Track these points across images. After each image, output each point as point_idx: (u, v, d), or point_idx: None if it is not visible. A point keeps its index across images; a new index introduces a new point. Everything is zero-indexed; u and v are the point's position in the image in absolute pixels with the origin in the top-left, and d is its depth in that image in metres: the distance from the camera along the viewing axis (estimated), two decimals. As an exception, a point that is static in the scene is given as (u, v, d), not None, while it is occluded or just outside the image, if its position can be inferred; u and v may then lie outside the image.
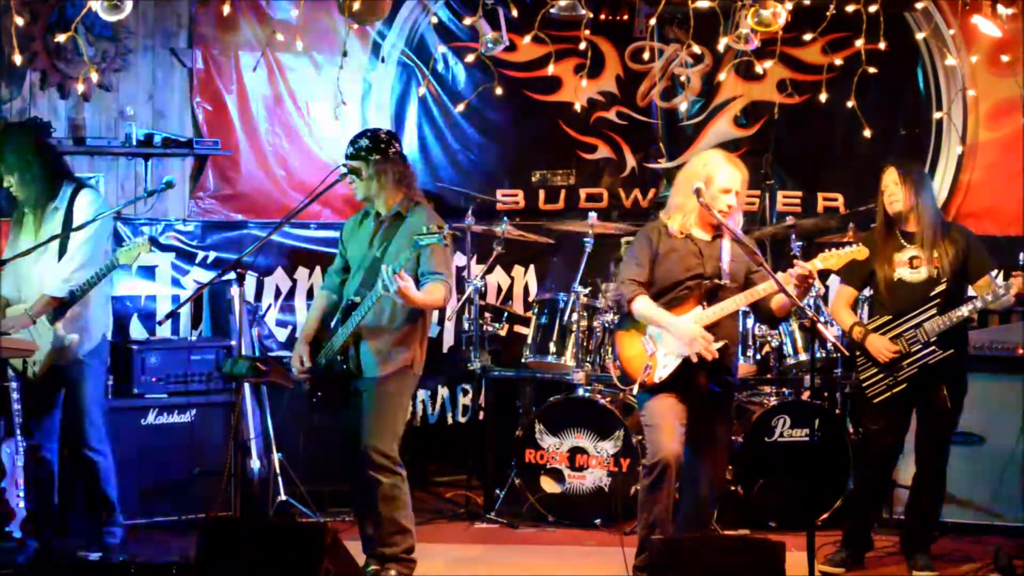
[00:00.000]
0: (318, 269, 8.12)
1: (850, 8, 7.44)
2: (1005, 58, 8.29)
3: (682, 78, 8.45)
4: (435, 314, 7.68)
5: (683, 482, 5.95)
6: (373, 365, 5.89)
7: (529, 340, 7.52)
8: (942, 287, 6.34)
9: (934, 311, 6.33)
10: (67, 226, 6.23)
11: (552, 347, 7.40)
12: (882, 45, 7.58)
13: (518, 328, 8.16)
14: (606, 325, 7.39)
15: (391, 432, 5.91)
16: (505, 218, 7.81)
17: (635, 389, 5.85)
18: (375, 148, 5.94)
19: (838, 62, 8.11)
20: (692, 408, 5.86)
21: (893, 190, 6.39)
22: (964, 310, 6.28)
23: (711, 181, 5.81)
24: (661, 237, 5.91)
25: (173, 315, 7.61)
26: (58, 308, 6.20)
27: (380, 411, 5.90)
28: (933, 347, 6.33)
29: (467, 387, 8.44)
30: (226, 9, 7.38)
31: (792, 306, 5.74)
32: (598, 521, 7.19)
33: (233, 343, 7.26)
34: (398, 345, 5.90)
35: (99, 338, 6.41)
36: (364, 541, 6.07)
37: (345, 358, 5.91)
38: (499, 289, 8.48)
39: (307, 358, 6.00)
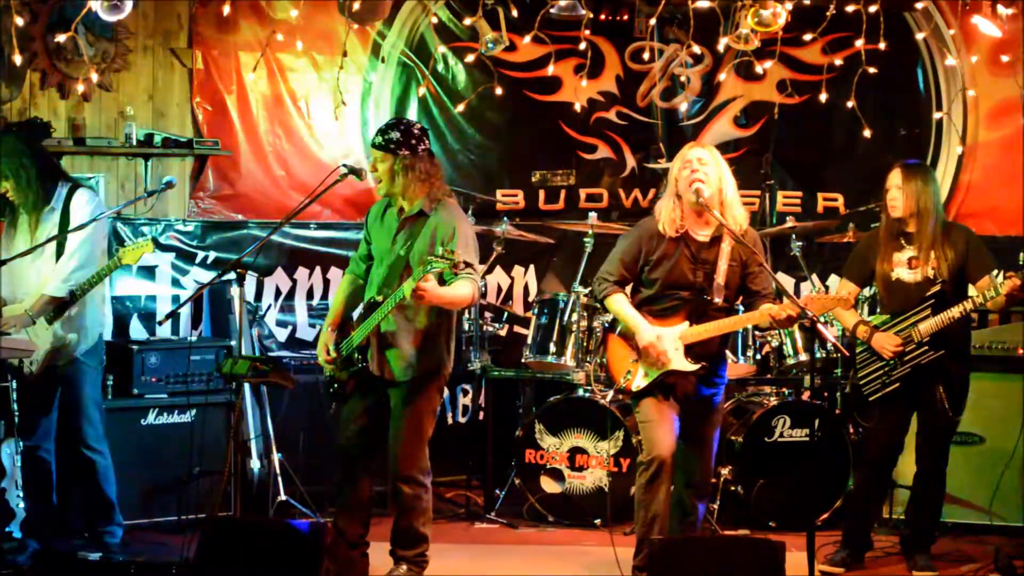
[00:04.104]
0: (318, 269, 8.12)
1: (850, 8, 7.45)
2: (1005, 58, 8.30)
3: (682, 78, 8.45)
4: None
5: (675, 473, 5.96)
6: (400, 369, 5.86)
7: (529, 340, 7.50)
8: (936, 288, 6.32)
9: (928, 312, 6.32)
10: (64, 227, 6.22)
11: (552, 347, 7.38)
12: (882, 45, 7.60)
13: (518, 328, 8.17)
14: (605, 325, 7.37)
15: (419, 440, 5.92)
16: (505, 218, 7.81)
17: (610, 394, 5.87)
18: (405, 143, 5.77)
19: (838, 62, 8.12)
20: (681, 404, 5.89)
21: (895, 194, 6.38)
22: (955, 311, 6.26)
23: (674, 167, 5.89)
24: (654, 241, 5.88)
25: (173, 315, 7.60)
26: (56, 308, 6.20)
27: (408, 418, 5.88)
28: (925, 347, 6.32)
29: (467, 387, 8.43)
30: (226, 9, 7.39)
31: (789, 323, 5.74)
32: (598, 521, 7.18)
33: (233, 343, 7.26)
34: (423, 348, 5.86)
35: (95, 337, 6.40)
36: (337, 534, 5.97)
37: (363, 357, 5.88)
38: (499, 289, 8.49)
39: (332, 347, 5.98)
